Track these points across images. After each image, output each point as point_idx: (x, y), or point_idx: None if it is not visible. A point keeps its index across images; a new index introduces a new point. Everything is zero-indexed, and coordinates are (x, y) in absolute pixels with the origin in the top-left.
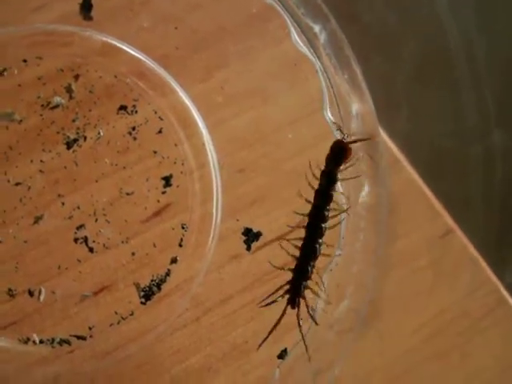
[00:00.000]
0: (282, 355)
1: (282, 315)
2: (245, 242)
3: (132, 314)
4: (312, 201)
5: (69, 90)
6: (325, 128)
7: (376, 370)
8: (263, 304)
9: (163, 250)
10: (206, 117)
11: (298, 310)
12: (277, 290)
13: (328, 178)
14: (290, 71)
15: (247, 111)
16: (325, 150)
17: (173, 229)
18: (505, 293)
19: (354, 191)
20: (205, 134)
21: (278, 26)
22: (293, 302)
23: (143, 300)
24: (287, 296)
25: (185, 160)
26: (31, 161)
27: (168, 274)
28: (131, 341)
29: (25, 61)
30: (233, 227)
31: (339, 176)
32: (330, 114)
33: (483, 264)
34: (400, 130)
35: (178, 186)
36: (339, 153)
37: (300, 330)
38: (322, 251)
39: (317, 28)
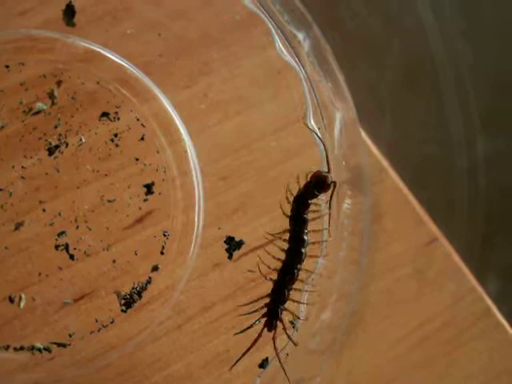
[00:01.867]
0: (264, 364)
1: (258, 338)
2: (227, 250)
3: (112, 322)
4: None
5: (51, 96)
6: (309, 136)
7: (361, 380)
8: (238, 331)
9: (145, 257)
10: (189, 124)
11: (275, 333)
12: (255, 311)
13: (300, 204)
14: (273, 79)
15: (231, 118)
16: (309, 158)
17: (154, 236)
18: (490, 302)
19: (335, 199)
20: (187, 141)
21: (262, 33)
22: (270, 325)
23: (124, 308)
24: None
25: (167, 167)
26: (12, 167)
27: (149, 281)
28: (112, 348)
29: (7, 66)
30: (215, 235)
31: (311, 202)
32: (313, 122)
33: (468, 273)
34: (384, 138)
35: (159, 194)
36: (319, 185)
37: (277, 354)
38: (299, 276)
39: (300, 36)
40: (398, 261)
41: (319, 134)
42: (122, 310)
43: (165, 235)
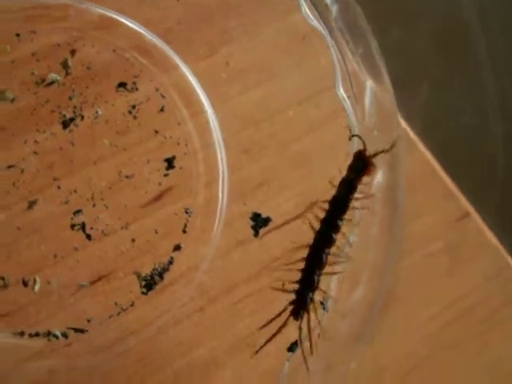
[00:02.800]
0: (292, 348)
1: (283, 325)
2: (253, 227)
3: (132, 305)
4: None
5: (65, 66)
6: (335, 107)
7: (390, 361)
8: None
9: (166, 236)
10: (211, 94)
11: (301, 323)
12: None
13: (347, 187)
14: (298, 46)
15: (253, 88)
16: (333, 130)
17: (176, 214)
18: None
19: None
20: (209, 112)
21: None
22: (296, 314)
23: (144, 290)
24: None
25: (188, 140)
26: (25, 142)
27: (171, 261)
28: (131, 333)
29: (18, 35)
30: (240, 211)
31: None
32: (342, 91)
33: (502, 249)
34: (416, 108)
35: (181, 168)
36: (361, 164)
37: (300, 345)
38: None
39: None
40: (429, 236)
41: (349, 104)
42: (143, 293)
43: (187, 212)
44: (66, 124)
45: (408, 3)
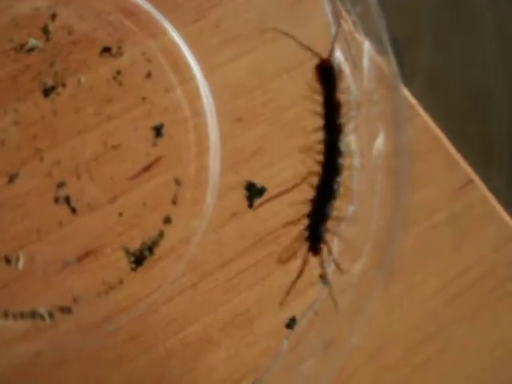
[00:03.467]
0: (291, 324)
1: (304, 265)
2: (247, 198)
3: (121, 282)
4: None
5: (45, 31)
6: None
7: (394, 337)
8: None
9: (155, 208)
10: (201, 59)
11: (321, 257)
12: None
13: (331, 105)
14: (292, 8)
15: (245, 54)
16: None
17: (165, 185)
18: None
19: (367, 138)
20: (199, 78)
21: None
22: (314, 248)
23: (133, 266)
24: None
25: (177, 107)
26: (4, 111)
27: (161, 235)
28: (121, 311)
29: None
30: (232, 182)
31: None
32: (338, 54)
33: (507, 217)
34: (416, 71)
35: (170, 137)
36: (328, 74)
37: (324, 278)
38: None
39: None
40: (431, 206)
41: (346, 67)
42: (132, 269)
43: (177, 183)
44: (47, 92)
45: None
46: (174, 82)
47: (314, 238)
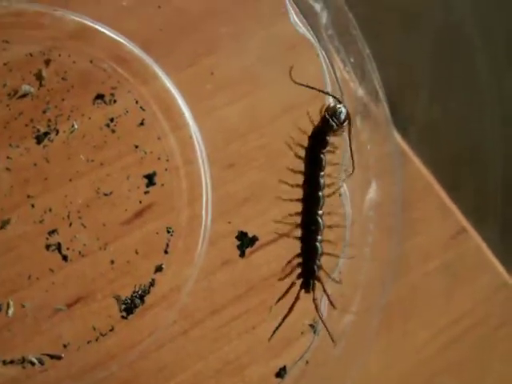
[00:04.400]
0: (281, 374)
1: (295, 301)
2: (238, 247)
3: (112, 330)
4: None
5: (39, 77)
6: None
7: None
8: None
9: (146, 256)
10: (193, 106)
11: (314, 294)
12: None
13: (317, 140)
14: (286, 55)
15: (239, 100)
16: None
17: (157, 233)
18: None
19: (359, 188)
20: (192, 126)
21: (274, 4)
22: (307, 285)
23: (124, 314)
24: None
25: (170, 155)
26: None
27: (152, 284)
28: (111, 358)
29: None
30: (224, 229)
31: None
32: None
33: (500, 266)
34: (409, 120)
35: (162, 185)
36: (335, 116)
37: (318, 313)
38: (324, 222)
39: (318, 6)
40: (424, 254)
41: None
42: (123, 317)
43: (169, 231)
44: (40, 139)
45: (403, 8)
46: (167, 129)
47: (307, 276)
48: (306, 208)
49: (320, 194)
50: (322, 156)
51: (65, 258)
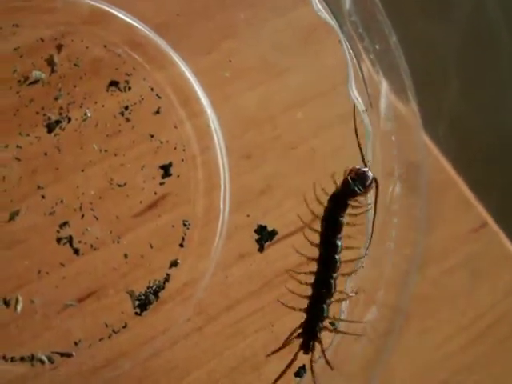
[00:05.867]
0: (300, 373)
1: (292, 361)
2: (257, 241)
3: (125, 327)
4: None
5: (50, 62)
6: (344, 108)
7: (406, 382)
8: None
9: (161, 250)
10: (211, 94)
11: (313, 355)
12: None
13: (337, 204)
14: (307, 41)
15: (257, 87)
16: (342, 133)
17: (172, 225)
18: None
19: (382, 181)
20: (210, 114)
21: None
22: (306, 347)
23: (138, 310)
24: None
25: (186, 144)
26: (6, 146)
27: (167, 279)
28: (123, 356)
29: None
30: (241, 222)
31: (350, 203)
32: (355, 91)
33: None
34: (437, 111)
35: (178, 176)
36: (359, 181)
37: (313, 376)
38: (336, 287)
39: None
40: (444, 249)
41: (362, 106)
42: (136, 313)
43: (185, 224)
44: (51, 127)
45: None
46: (183, 116)
47: (308, 336)
48: (320, 269)
49: (336, 257)
50: (341, 219)
51: (76, 251)
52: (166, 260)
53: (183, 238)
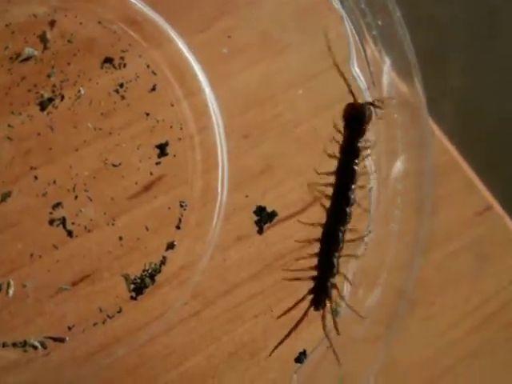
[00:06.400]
0: (300, 358)
1: (302, 318)
2: (256, 222)
3: (120, 311)
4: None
5: (43, 39)
6: (346, 87)
7: (409, 371)
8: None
9: (157, 232)
10: (209, 72)
11: (324, 312)
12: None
13: (348, 153)
14: (307, 17)
15: (256, 65)
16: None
17: (169, 207)
18: None
19: (386, 160)
20: (207, 93)
21: None
22: (318, 304)
23: (133, 294)
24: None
25: (183, 123)
26: None
27: (163, 261)
28: (118, 341)
29: None
30: (239, 203)
31: (361, 147)
32: (356, 69)
33: None
34: (441, 89)
35: (174, 156)
36: (356, 120)
37: (326, 335)
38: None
39: None
40: (448, 233)
41: (364, 84)
42: (132, 297)
43: (181, 205)
44: (43, 105)
45: None
46: (180, 95)
47: (320, 293)
48: (329, 221)
49: (347, 210)
50: (354, 167)
51: (70, 233)
52: (162, 242)
53: (180, 220)
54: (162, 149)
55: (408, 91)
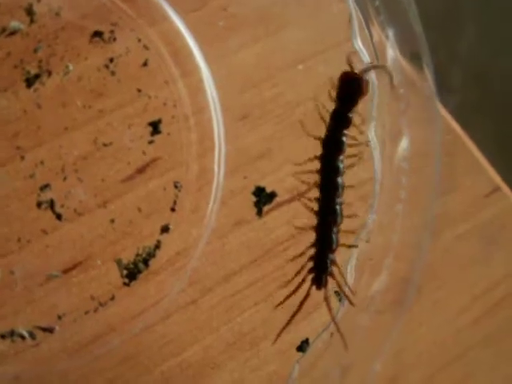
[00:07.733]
0: (303, 347)
1: (305, 298)
2: (255, 204)
3: (112, 299)
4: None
5: (29, 12)
6: (346, 65)
7: (416, 360)
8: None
9: (151, 215)
10: (205, 48)
11: (326, 291)
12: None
13: (338, 121)
14: None
15: (254, 42)
16: None
17: (164, 189)
18: None
19: (389, 137)
20: (203, 70)
21: None
22: (319, 281)
23: (126, 280)
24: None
25: (178, 101)
26: None
27: (157, 246)
28: (111, 331)
29: None
30: (237, 186)
31: (353, 117)
32: (359, 44)
33: None
34: (450, 62)
35: (168, 134)
36: (351, 88)
37: (331, 314)
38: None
39: None
40: (455, 215)
41: (367, 59)
42: (125, 283)
43: (176, 187)
44: (30, 81)
45: None
46: (175, 73)
47: (320, 271)
48: (323, 195)
49: (339, 180)
50: (342, 139)
51: (59, 216)
52: (156, 226)
53: (175, 202)
54: (155, 126)
55: (413, 66)
